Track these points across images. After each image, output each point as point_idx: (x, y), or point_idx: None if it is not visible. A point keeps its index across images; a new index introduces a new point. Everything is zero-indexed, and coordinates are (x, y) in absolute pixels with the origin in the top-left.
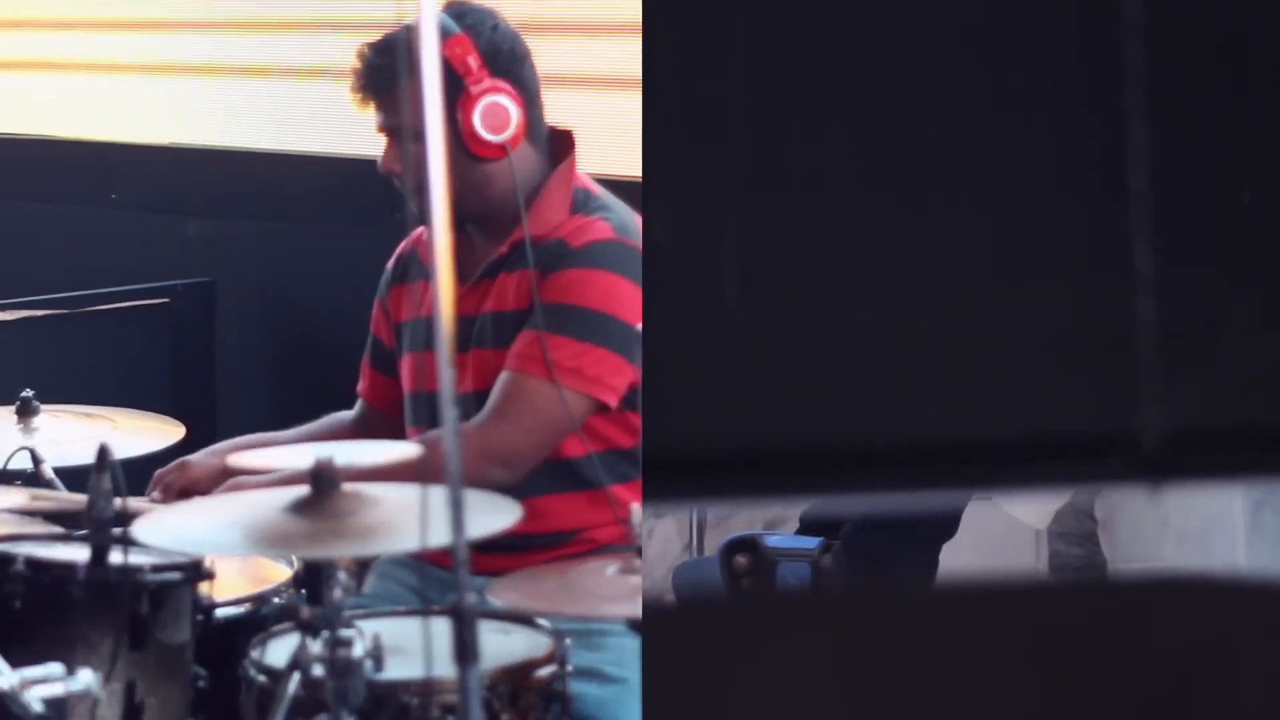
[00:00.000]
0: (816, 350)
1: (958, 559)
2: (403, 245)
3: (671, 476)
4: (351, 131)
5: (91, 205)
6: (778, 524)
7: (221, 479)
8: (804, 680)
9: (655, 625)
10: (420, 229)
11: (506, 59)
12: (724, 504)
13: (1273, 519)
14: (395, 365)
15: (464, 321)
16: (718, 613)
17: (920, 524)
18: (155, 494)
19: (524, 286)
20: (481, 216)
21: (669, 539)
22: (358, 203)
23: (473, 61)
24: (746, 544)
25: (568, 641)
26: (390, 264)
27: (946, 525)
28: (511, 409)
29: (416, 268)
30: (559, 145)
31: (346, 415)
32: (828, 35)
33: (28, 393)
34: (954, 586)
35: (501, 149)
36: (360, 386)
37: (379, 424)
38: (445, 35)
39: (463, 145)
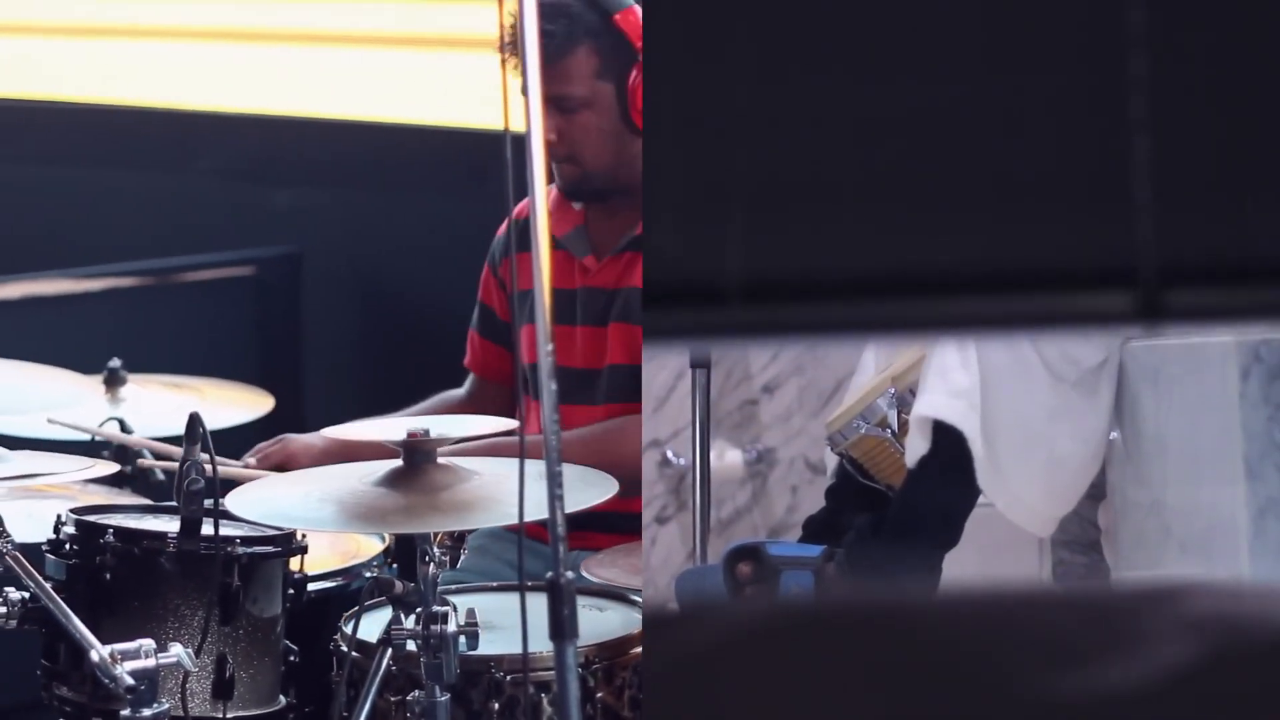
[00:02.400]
0: (813, 180)
1: (961, 567)
2: (516, 210)
3: (671, 309)
4: (442, 101)
5: (179, 174)
6: (781, 531)
7: (320, 460)
8: (808, 690)
9: (657, 633)
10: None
11: None
12: (723, 340)
13: (1276, 526)
14: (508, 335)
15: (601, 294)
16: (720, 621)
17: (923, 532)
18: (250, 460)
19: None
20: (632, 189)
21: (672, 547)
22: (446, 173)
23: None
24: (750, 552)
25: None
26: (503, 231)
27: (949, 533)
28: None
29: (529, 236)
30: None
31: (457, 393)
32: (828, 57)
33: (115, 362)
34: (957, 595)
35: None
36: (469, 359)
37: (491, 396)
38: (618, 7)
39: (628, 119)
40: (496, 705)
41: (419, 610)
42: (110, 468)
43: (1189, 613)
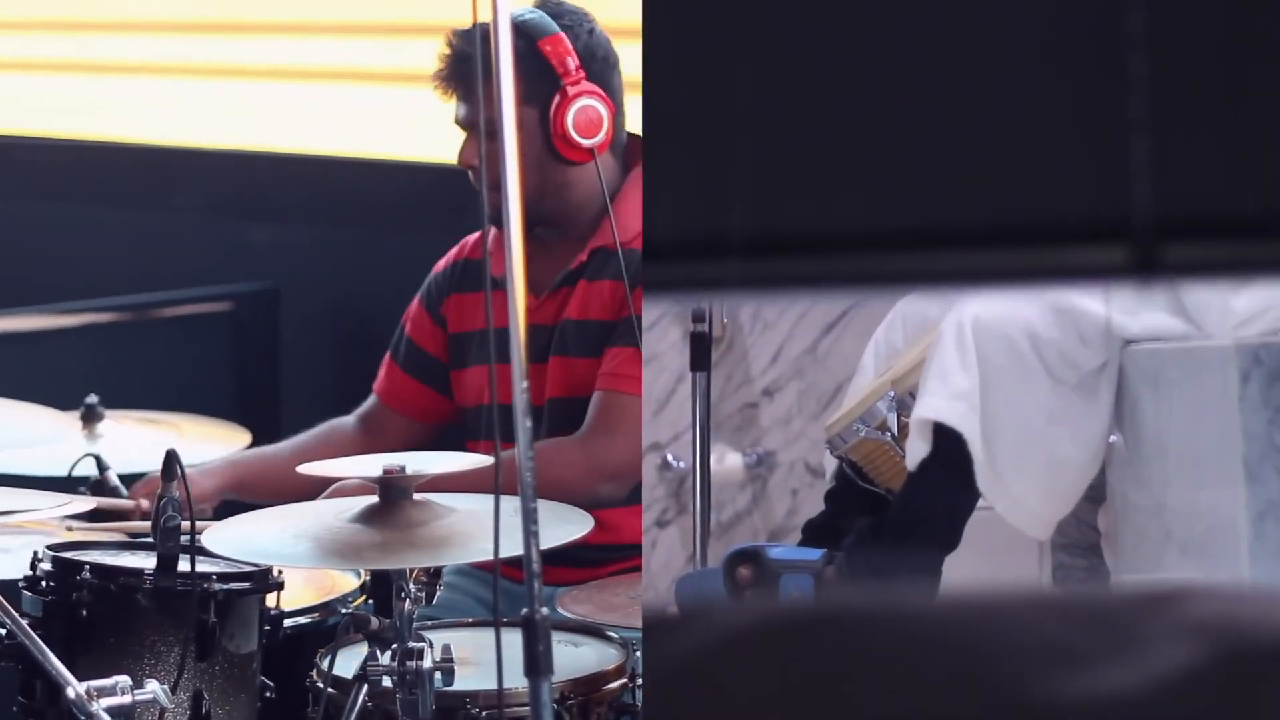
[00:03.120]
0: (812, 134)
1: (960, 570)
2: (455, 251)
3: (672, 263)
4: (418, 137)
5: (156, 210)
6: (781, 535)
7: (214, 498)
8: (808, 694)
9: (657, 637)
10: (476, 235)
11: (600, 64)
12: (723, 294)
13: (1276, 529)
14: (438, 375)
15: (540, 330)
16: (720, 624)
17: (922, 536)
18: (141, 500)
19: (610, 297)
20: (557, 220)
21: (673, 550)
22: (424, 209)
23: (571, 62)
24: (750, 556)
25: (637, 653)
26: (442, 268)
27: (949, 536)
28: (615, 426)
29: (474, 276)
30: (633, 152)
31: (346, 420)
32: (824, 53)
33: (92, 398)
34: (957, 598)
35: (589, 153)
36: (379, 385)
37: (390, 426)
38: (543, 33)
39: (551, 146)
40: None
41: (395, 646)
42: (87, 503)
43: (1189, 616)
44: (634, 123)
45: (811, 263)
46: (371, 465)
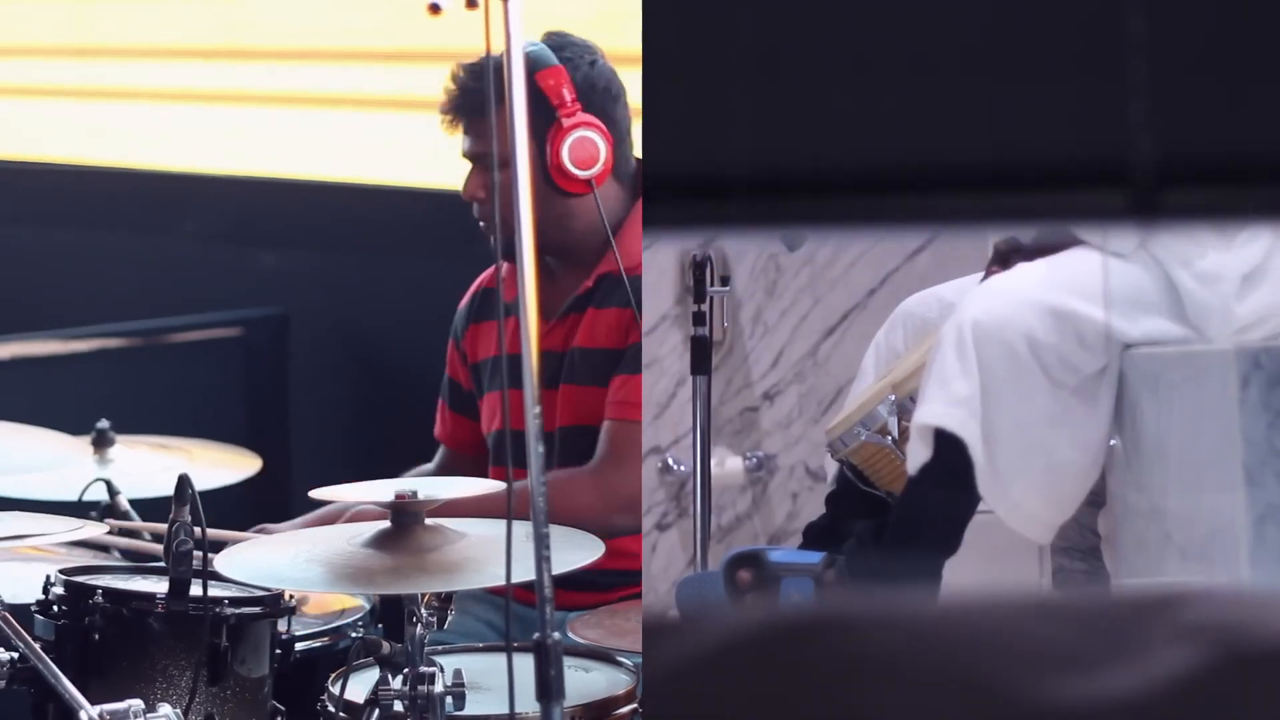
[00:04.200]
0: (814, 74)
1: (961, 574)
2: (476, 284)
3: (672, 200)
4: (426, 163)
5: (166, 236)
6: (781, 538)
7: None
8: (808, 697)
9: (657, 640)
10: (493, 267)
11: (601, 95)
12: (724, 231)
13: (1276, 533)
14: (474, 407)
15: (551, 357)
16: (720, 628)
17: (923, 539)
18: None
19: (616, 325)
20: (561, 250)
21: (673, 553)
22: (432, 235)
23: (567, 94)
24: (750, 559)
25: None
26: (464, 304)
27: (949, 540)
28: (625, 457)
29: (490, 306)
30: (640, 179)
31: (427, 468)
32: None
33: (103, 423)
34: (957, 602)
35: (586, 184)
36: (439, 431)
37: (462, 468)
38: (542, 66)
39: (549, 178)
40: None
41: (406, 671)
42: (99, 529)
43: (1189, 620)
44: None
45: (811, 202)
46: (383, 490)
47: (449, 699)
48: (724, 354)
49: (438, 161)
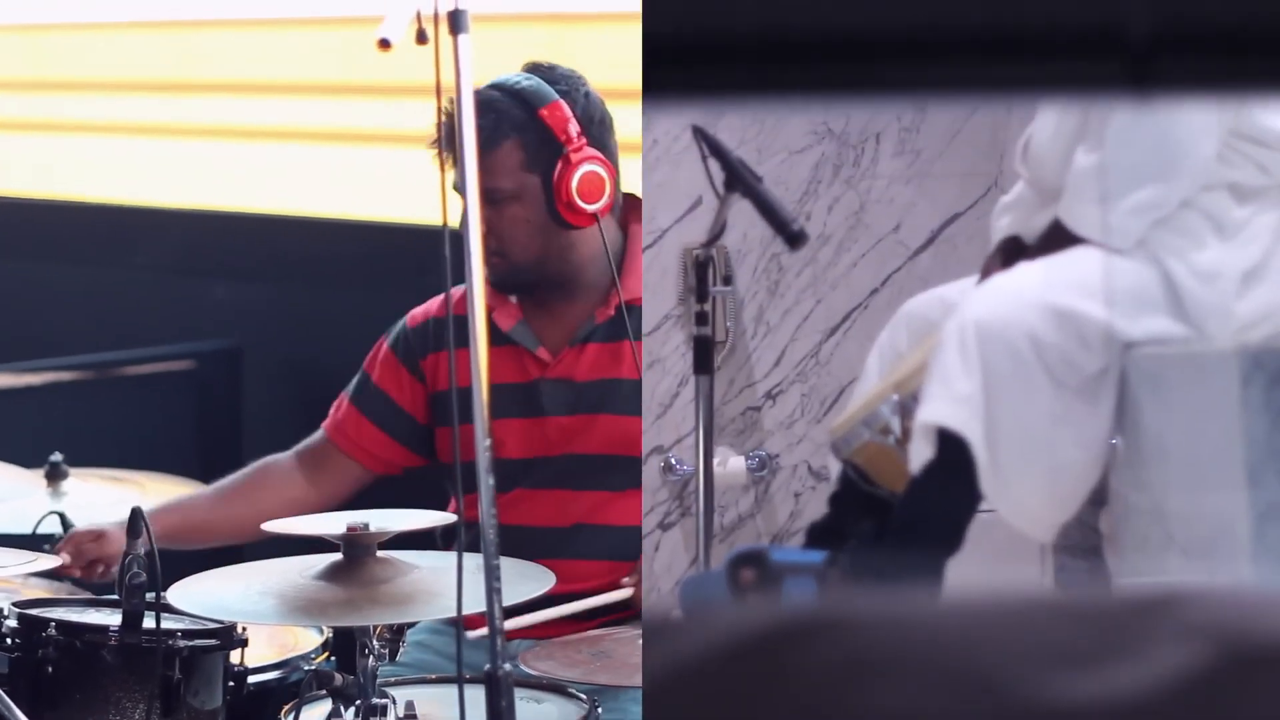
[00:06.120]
0: None
1: (963, 573)
2: (437, 307)
3: (672, 67)
4: (377, 196)
5: (117, 268)
6: (783, 538)
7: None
8: (810, 697)
9: (659, 640)
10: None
11: (598, 127)
12: (725, 100)
13: (1278, 532)
14: (404, 427)
15: (565, 385)
16: (722, 627)
17: (926, 539)
18: (65, 555)
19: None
20: (561, 282)
21: (675, 553)
22: (384, 267)
23: (573, 129)
24: (753, 558)
25: (599, 709)
26: (418, 324)
27: (952, 539)
28: None
29: (460, 334)
30: (628, 211)
31: (281, 457)
32: None
33: (56, 456)
34: (959, 601)
35: (593, 218)
36: (331, 425)
37: (335, 465)
38: (543, 101)
39: (555, 212)
40: None
41: (359, 702)
42: (52, 561)
43: (1191, 619)
44: (629, 184)
45: (812, 69)
46: (335, 523)
47: None
48: (726, 354)
49: (390, 195)
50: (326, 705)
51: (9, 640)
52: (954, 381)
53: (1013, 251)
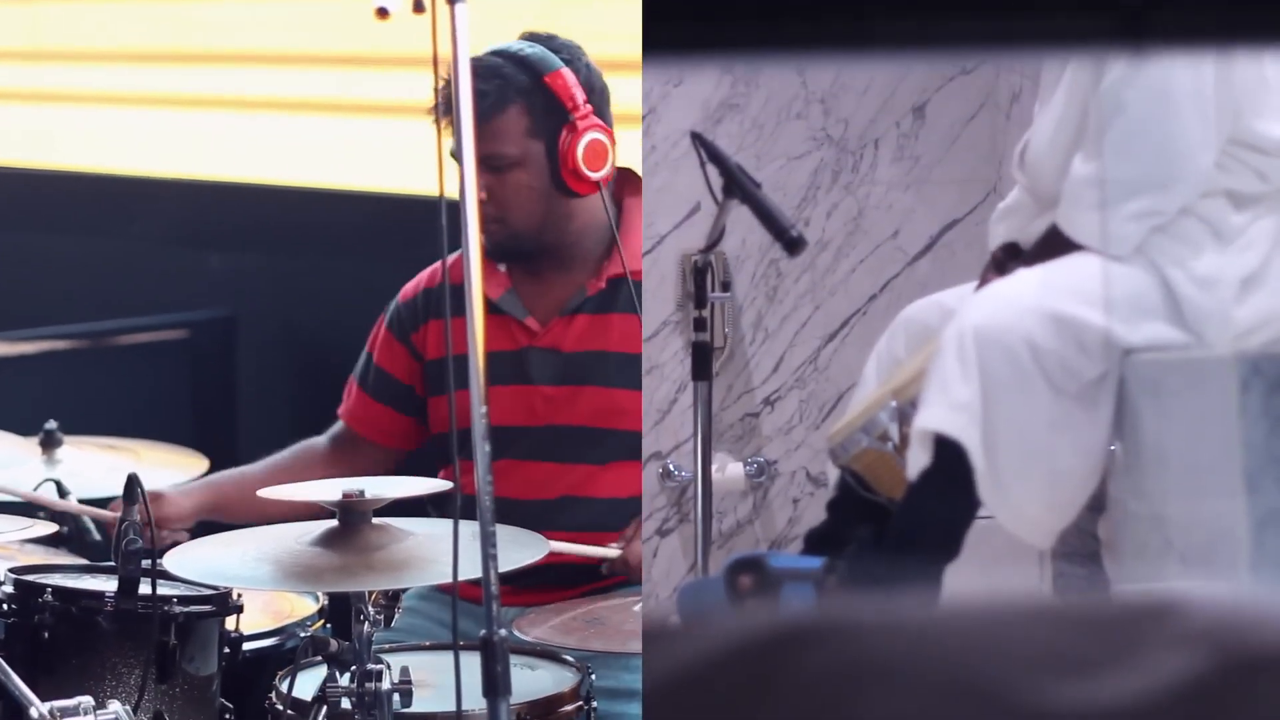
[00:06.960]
0: None
1: (961, 579)
2: (427, 278)
3: (672, 22)
4: (372, 166)
5: (113, 238)
6: (782, 544)
7: (192, 518)
8: (809, 703)
9: (657, 645)
10: (443, 261)
11: (598, 97)
12: (724, 56)
13: (1276, 539)
14: (406, 400)
15: (553, 355)
16: (720, 633)
17: (924, 545)
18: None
19: (632, 331)
20: (557, 250)
21: (674, 559)
22: (378, 237)
23: (579, 96)
24: (751, 564)
25: (593, 676)
26: (410, 297)
27: (950, 546)
28: None
29: (455, 302)
30: (620, 183)
31: (319, 441)
32: None
33: (51, 424)
34: (958, 607)
35: (595, 185)
36: (345, 410)
37: (359, 449)
38: (548, 69)
39: (559, 179)
40: None
41: (354, 668)
42: (48, 528)
43: (1189, 626)
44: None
45: (808, 25)
46: (331, 490)
47: (396, 696)
48: (725, 360)
49: (385, 165)
50: (322, 671)
51: (5, 606)
52: (952, 388)
53: (1011, 257)
